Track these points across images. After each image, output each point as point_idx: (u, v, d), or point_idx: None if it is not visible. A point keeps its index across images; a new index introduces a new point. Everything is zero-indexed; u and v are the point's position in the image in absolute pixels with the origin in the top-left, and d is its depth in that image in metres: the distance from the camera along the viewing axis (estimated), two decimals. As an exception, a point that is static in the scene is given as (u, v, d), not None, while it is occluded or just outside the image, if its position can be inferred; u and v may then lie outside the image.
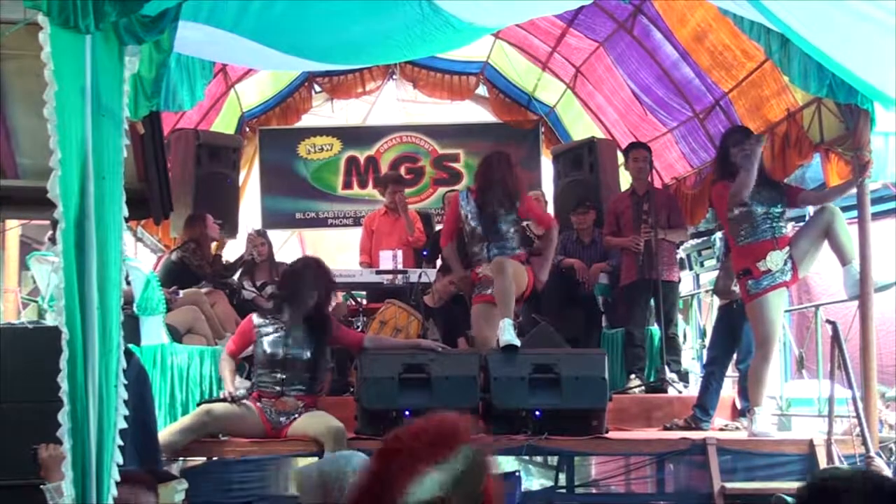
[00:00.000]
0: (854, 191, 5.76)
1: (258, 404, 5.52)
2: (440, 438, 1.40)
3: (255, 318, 5.73)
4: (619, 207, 7.69)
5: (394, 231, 8.69)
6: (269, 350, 5.55)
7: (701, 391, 6.48)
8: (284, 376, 5.53)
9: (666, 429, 6.31)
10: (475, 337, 6.42)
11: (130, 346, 5.04)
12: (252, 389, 5.64)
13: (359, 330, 7.44)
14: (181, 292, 6.95)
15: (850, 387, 5.40)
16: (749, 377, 5.90)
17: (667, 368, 7.13)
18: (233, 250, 8.88)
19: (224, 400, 5.42)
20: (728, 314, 6.38)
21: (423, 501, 1.34)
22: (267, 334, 5.61)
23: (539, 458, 7.59)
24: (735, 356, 6.50)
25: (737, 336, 6.33)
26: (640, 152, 7.56)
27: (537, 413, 5.62)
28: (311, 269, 5.73)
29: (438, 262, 8.47)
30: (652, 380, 7.29)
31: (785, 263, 5.64)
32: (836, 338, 5.46)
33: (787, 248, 5.68)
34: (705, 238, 8.98)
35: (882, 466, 5.05)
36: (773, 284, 5.63)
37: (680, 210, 7.92)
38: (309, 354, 5.58)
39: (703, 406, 6.35)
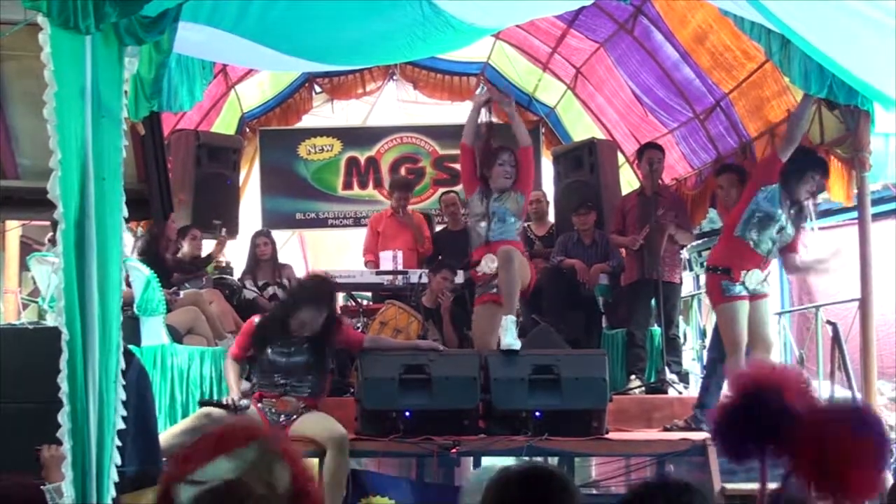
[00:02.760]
0: (854, 191, 5.79)
1: (259, 405, 5.51)
2: (234, 434, 1.60)
3: (258, 322, 5.71)
4: (627, 206, 7.69)
5: (399, 234, 8.69)
6: (271, 357, 5.53)
7: (701, 392, 6.47)
8: (287, 381, 5.51)
9: (666, 430, 6.31)
10: (474, 338, 6.39)
11: (131, 346, 5.04)
12: (253, 390, 5.63)
13: (359, 331, 7.45)
14: (181, 293, 6.96)
15: (851, 387, 5.41)
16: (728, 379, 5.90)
17: (667, 369, 7.13)
18: (233, 251, 8.87)
19: (227, 406, 5.41)
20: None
21: (214, 480, 1.52)
22: (267, 342, 5.59)
23: (539, 459, 7.59)
24: None
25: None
26: (655, 153, 7.56)
27: (537, 414, 5.62)
28: (319, 289, 5.70)
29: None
30: (652, 381, 7.29)
31: (759, 284, 5.65)
32: (836, 338, 5.47)
33: (767, 272, 5.69)
34: (706, 239, 8.98)
35: None
36: (742, 294, 5.64)
37: (687, 213, 7.91)
38: (312, 359, 5.55)
39: (704, 407, 6.34)
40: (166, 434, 5.20)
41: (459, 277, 7.51)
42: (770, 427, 1.59)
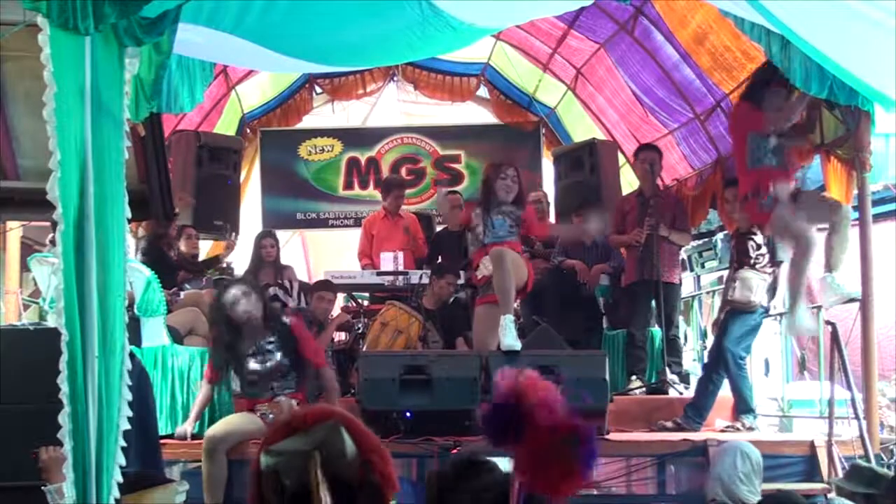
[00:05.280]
0: (855, 192, 5.80)
1: (256, 411, 5.51)
2: (310, 415, 1.90)
3: (215, 338, 5.69)
4: (625, 207, 7.68)
5: (393, 234, 8.67)
6: (251, 366, 5.53)
7: (698, 392, 6.47)
8: (271, 384, 5.52)
9: (652, 430, 6.31)
10: (475, 340, 6.39)
11: (132, 347, 5.04)
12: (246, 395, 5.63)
13: (359, 332, 7.44)
14: (182, 293, 6.96)
15: (850, 388, 5.41)
16: (790, 274, 6.01)
17: (668, 370, 7.13)
18: (233, 252, 8.87)
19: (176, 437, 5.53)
20: (730, 317, 6.36)
21: (288, 452, 1.85)
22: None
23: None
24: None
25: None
26: (649, 154, 7.55)
27: (538, 414, 5.60)
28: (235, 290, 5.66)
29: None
30: (653, 381, 7.29)
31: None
32: (835, 339, 5.47)
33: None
34: (706, 239, 8.97)
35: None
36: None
37: (686, 214, 7.91)
38: (285, 359, 5.56)
39: (697, 407, 6.34)
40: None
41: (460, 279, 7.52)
42: (510, 430, 2.02)
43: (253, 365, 5.54)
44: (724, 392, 6.47)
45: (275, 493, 1.90)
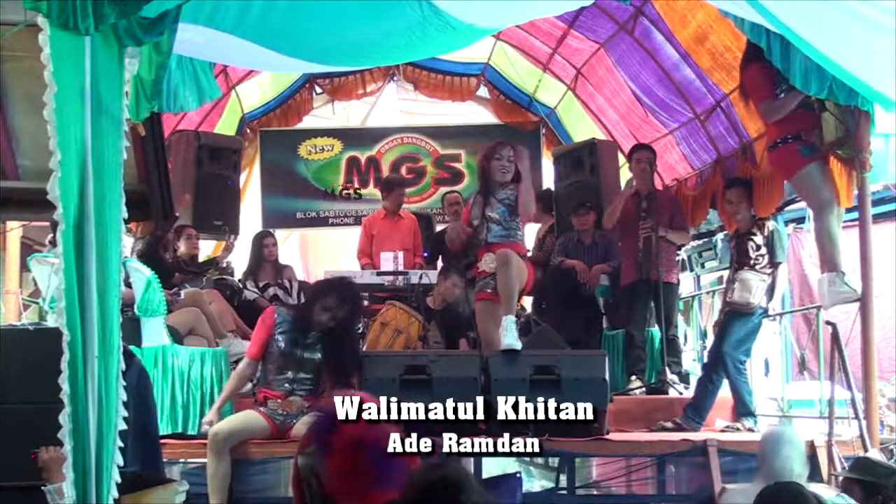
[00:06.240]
0: (855, 192, 5.80)
1: (262, 409, 5.48)
2: None
3: (277, 311, 5.66)
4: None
5: (394, 234, 8.68)
6: (287, 349, 5.47)
7: (698, 393, 6.47)
8: (295, 376, 5.48)
9: (651, 430, 6.31)
10: (480, 337, 6.39)
11: (131, 347, 5.05)
12: (254, 391, 5.61)
13: (359, 332, 7.44)
14: (182, 293, 6.96)
15: (850, 388, 5.41)
16: (817, 239, 5.98)
17: (667, 370, 7.13)
18: (233, 252, 8.88)
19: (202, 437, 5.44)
20: (729, 319, 6.36)
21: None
22: (284, 331, 5.50)
23: (540, 460, 7.60)
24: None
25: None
26: (643, 154, 7.56)
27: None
28: (337, 290, 5.67)
29: (440, 264, 8.48)
30: (653, 381, 7.29)
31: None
32: (835, 339, 5.48)
33: None
34: (706, 239, 8.98)
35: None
36: (817, 155, 5.88)
37: (682, 213, 7.91)
38: (321, 357, 5.51)
39: (697, 407, 6.34)
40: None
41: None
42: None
43: (292, 348, 5.46)
44: (724, 392, 6.47)
45: (310, 488, 2.32)
